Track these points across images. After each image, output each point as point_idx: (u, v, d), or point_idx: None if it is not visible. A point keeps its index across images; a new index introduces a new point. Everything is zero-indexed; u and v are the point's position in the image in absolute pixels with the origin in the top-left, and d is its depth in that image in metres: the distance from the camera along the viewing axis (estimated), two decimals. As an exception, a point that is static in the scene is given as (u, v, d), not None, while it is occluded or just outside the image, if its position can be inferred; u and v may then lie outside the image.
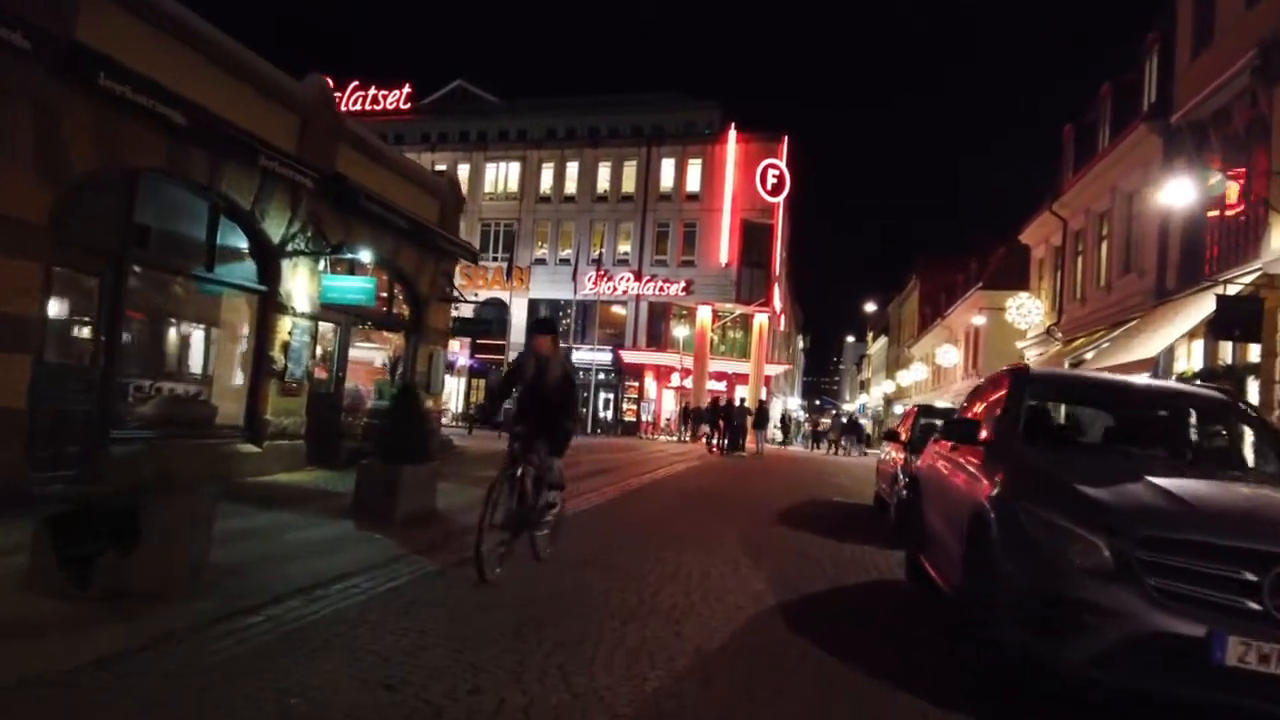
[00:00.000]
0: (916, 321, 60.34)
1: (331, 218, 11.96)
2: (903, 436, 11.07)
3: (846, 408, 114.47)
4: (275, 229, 11.01)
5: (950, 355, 42.17)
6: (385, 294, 14.74)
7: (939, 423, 11.03)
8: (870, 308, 59.43)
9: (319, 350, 12.89)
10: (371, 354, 15.83)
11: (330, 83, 12.04)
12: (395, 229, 13.56)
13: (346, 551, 7.14)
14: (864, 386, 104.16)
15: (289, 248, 11.29)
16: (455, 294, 16.44)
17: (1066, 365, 21.18)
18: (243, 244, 10.89)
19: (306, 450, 11.94)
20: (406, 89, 52.24)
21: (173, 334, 10.53)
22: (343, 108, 52.50)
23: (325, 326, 12.82)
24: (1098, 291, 22.57)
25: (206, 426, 10.56)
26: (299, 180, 10.95)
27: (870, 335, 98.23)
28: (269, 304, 11.22)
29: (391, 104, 51.86)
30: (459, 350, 44.76)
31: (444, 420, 40.84)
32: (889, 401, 74.04)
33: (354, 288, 11.49)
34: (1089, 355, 21.10)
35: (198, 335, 10.89)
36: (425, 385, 15.65)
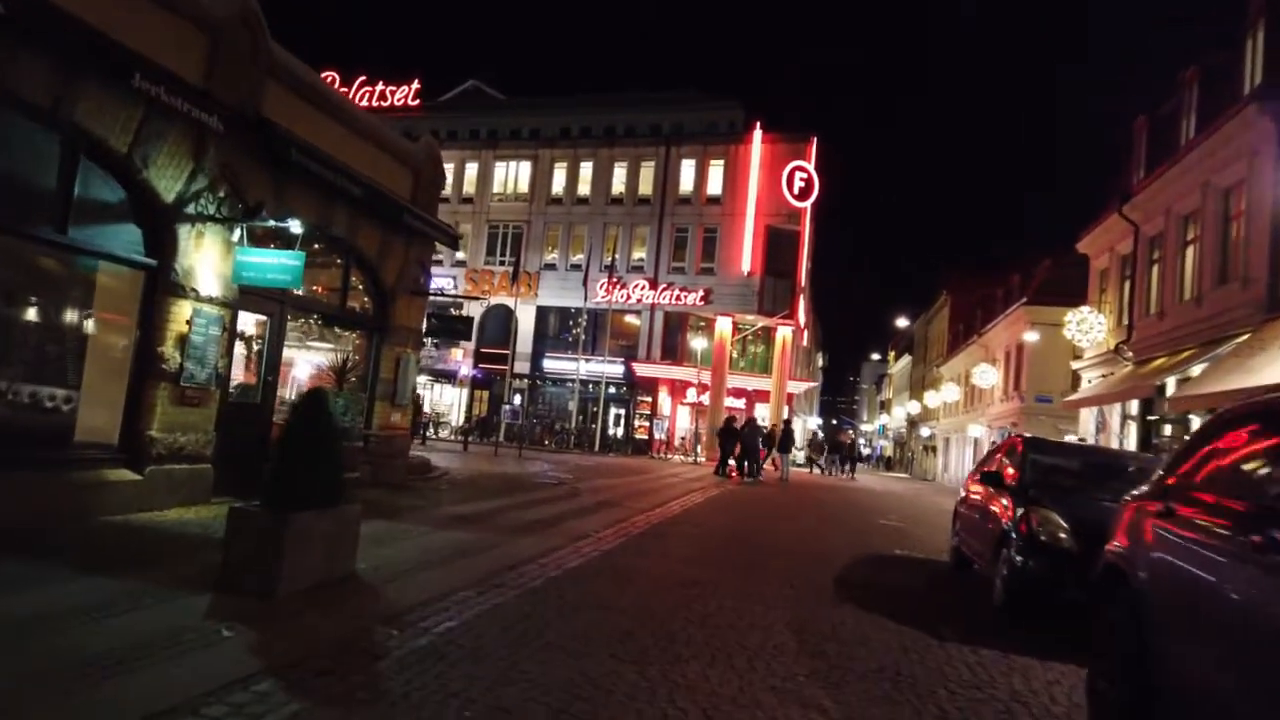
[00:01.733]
0: (946, 340, 57.32)
1: (254, 175, 9.20)
2: (1008, 479, 8.12)
3: (865, 428, 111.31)
4: (168, 183, 8.25)
5: (988, 376, 39.09)
6: (338, 283, 11.96)
7: (1058, 464, 8.13)
8: (902, 323, 56.28)
9: (243, 349, 10.11)
10: (324, 356, 13.04)
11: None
12: (349, 199, 10.80)
13: (156, 666, 4.30)
14: (884, 407, 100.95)
15: (189, 209, 8.52)
16: (430, 285, 13.63)
17: (1167, 387, 18.20)
18: (118, 200, 8.12)
19: (215, 477, 9.13)
20: (415, 85, 49.83)
21: (16, 317, 7.76)
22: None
23: (250, 319, 10.05)
24: (1182, 305, 19.55)
25: (60, 445, 7.77)
26: (203, 120, 8.19)
27: (892, 354, 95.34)
28: (159, 283, 8.45)
29: (400, 100, 49.50)
30: (461, 359, 42.12)
31: (440, 435, 38.43)
32: (913, 423, 70.97)
33: (276, 265, 8.73)
34: (1172, 380, 18.10)
35: (59, 322, 8.12)
36: (390, 396, 12.86)
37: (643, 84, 52.06)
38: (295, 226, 9.14)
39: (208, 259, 8.80)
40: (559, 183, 42.99)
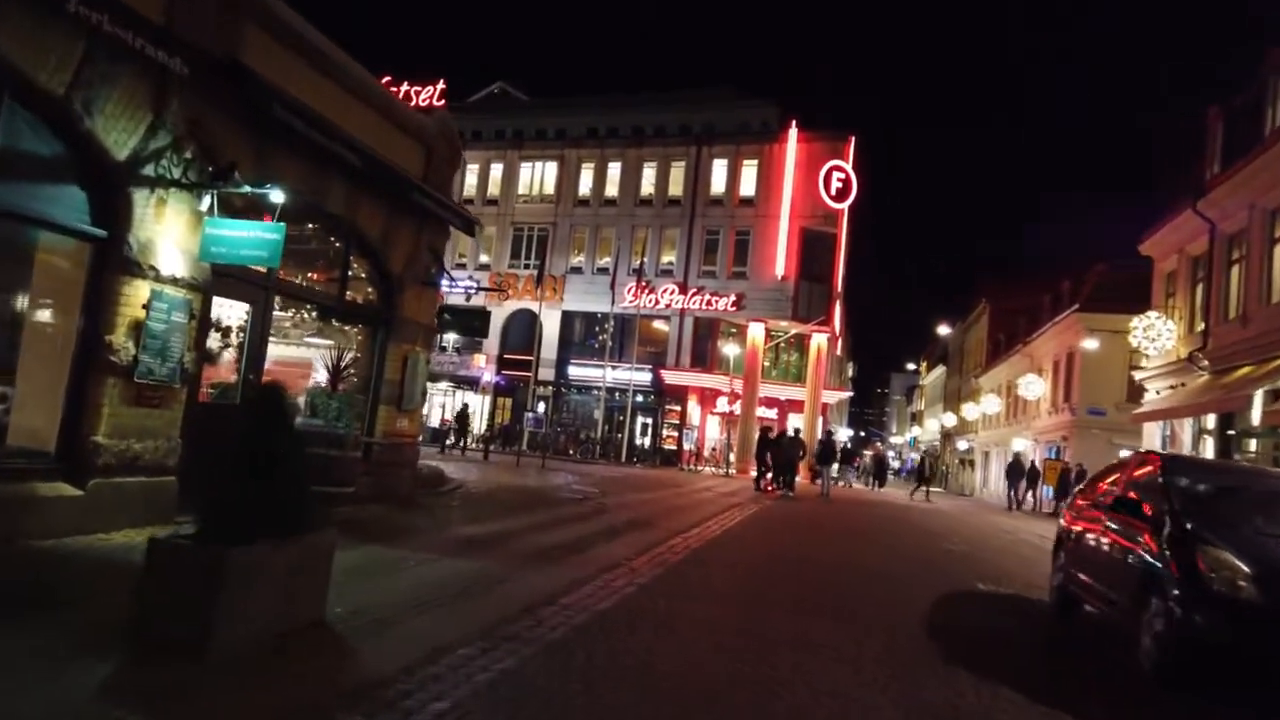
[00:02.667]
0: (985, 350, 55.26)
1: (229, 134, 7.79)
2: (1146, 507, 6.45)
3: (894, 440, 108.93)
4: (119, 136, 6.84)
5: (1034, 386, 37.14)
6: (336, 270, 10.52)
7: (1214, 488, 6.52)
8: (943, 330, 54.25)
9: (218, 342, 8.69)
10: (320, 354, 11.61)
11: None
12: (347, 171, 9.37)
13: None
14: (916, 419, 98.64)
15: (147, 171, 7.11)
16: (445, 275, 12.17)
17: (1254, 399, 16.41)
18: (54, 155, 6.72)
19: (180, 493, 7.69)
20: (440, 85, 48.51)
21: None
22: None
23: (228, 306, 8.63)
24: (1270, 308, 17.74)
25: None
26: (163, 62, 6.79)
27: (924, 365, 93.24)
28: (110, 258, 7.04)
29: (425, 101, 48.14)
30: (484, 366, 40.77)
31: (463, 443, 36.92)
32: (948, 435, 68.82)
33: (251, 240, 7.29)
34: (1259, 392, 16.29)
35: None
36: (396, 399, 11.41)
37: (674, 85, 50.66)
38: (276, 195, 7.69)
39: (171, 232, 7.38)
40: (586, 184, 41.60)
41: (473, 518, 10.90)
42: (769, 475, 24.01)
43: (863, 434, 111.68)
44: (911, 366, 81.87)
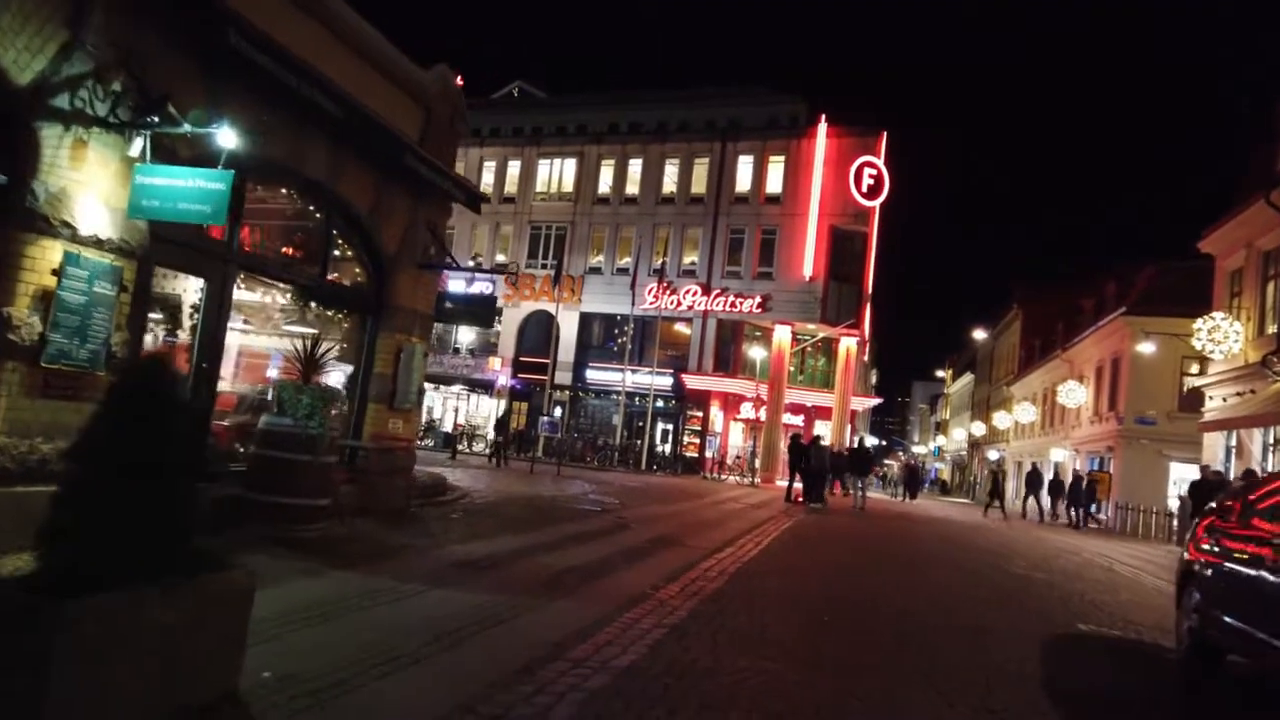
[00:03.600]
0: (1017, 356, 53.38)
1: (173, 66, 6.35)
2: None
3: (917, 450, 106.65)
4: (19, 56, 5.43)
5: (1076, 394, 35.29)
6: (316, 246, 9.07)
7: None
8: (980, 335, 52.35)
9: (163, 323, 7.26)
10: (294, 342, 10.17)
11: None
12: (329, 127, 7.93)
13: None
14: (940, 428, 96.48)
15: (59, 103, 5.69)
16: (446, 258, 10.68)
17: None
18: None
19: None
20: (458, 81, 47.22)
21: None
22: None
23: (177, 280, 7.19)
24: (1362, 306, 16.01)
25: None
26: (78, -35, 5.36)
27: (949, 372, 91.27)
28: (7, 211, 5.60)
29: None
30: (499, 369, 39.38)
31: (475, 449, 35.52)
32: (976, 445, 66.82)
33: (190, 190, 5.86)
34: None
35: None
36: (388, 397, 9.95)
37: (700, 83, 48.95)
38: (225, 136, 6.23)
39: (93, 182, 5.95)
40: (606, 181, 40.18)
41: (474, 534, 9.41)
42: (799, 486, 22.40)
43: (884, 443, 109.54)
44: (942, 374, 79.56)
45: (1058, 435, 40.99)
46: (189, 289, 7.33)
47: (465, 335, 41.59)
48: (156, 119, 6.00)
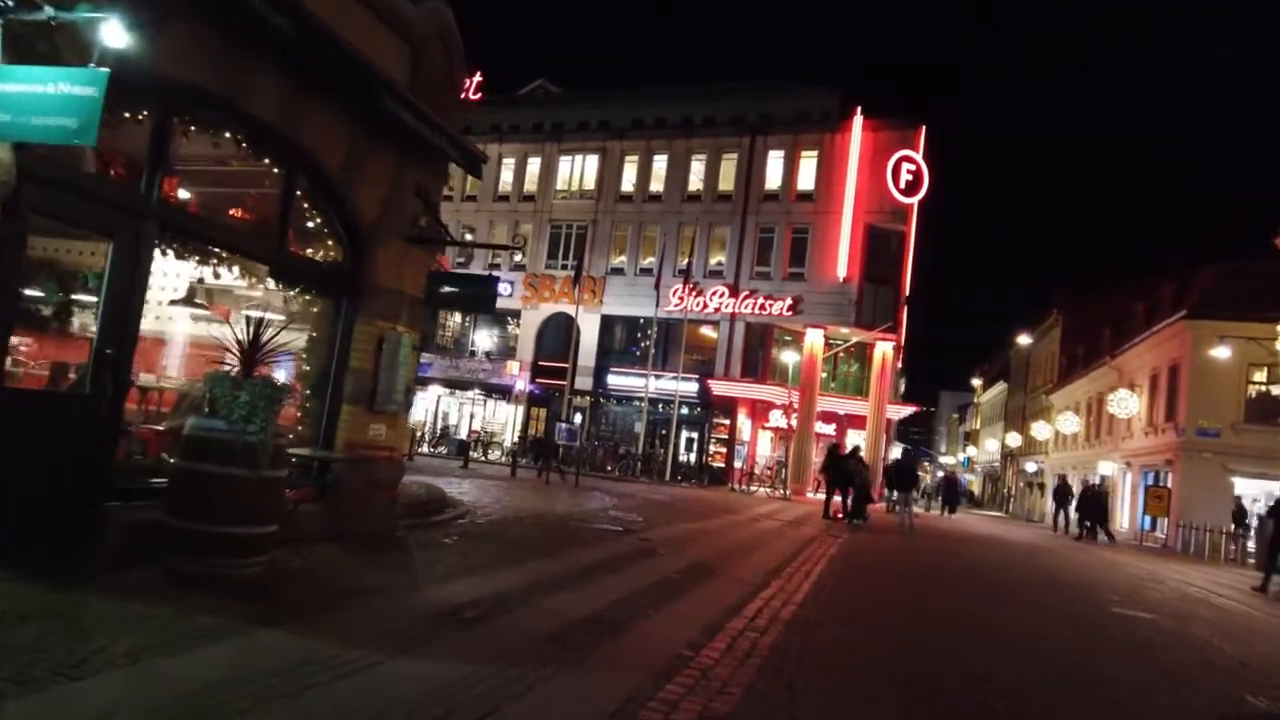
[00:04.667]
0: (1057, 364, 51.11)
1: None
2: None
3: (945, 460, 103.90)
4: None
5: (1128, 403, 33.21)
6: (272, 209, 7.36)
7: None
8: (1024, 340, 50.07)
9: (55, 295, 5.58)
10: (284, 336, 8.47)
11: None
12: (281, 47, 6.23)
13: None
14: (970, 439, 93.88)
15: None
16: (439, 230, 8.94)
17: None
18: None
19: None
20: (478, 78, 45.86)
21: None
22: (406, 98, 47.10)
23: (71, 242, 5.51)
24: None
25: None
26: None
27: (980, 382, 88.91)
28: None
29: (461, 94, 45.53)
30: (516, 374, 37.75)
31: (490, 457, 33.75)
32: (1010, 456, 64.45)
33: (51, 99, 4.18)
34: None
35: None
36: (367, 396, 8.24)
37: (729, 79, 46.65)
38: (113, 29, 4.52)
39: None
40: (629, 178, 38.49)
41: (466, 566, 7.66)
42: (838, 500, 20.53)
43: (909, 451, 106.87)
44: (978, 382, 77.20)
45: (1105, 447, 38.77)
46: (81, 249, 5.66)
47: (482, 339, 40.07)
48: (10, 2, 4.31)
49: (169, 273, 8.15)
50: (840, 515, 19.99)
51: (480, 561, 7.93)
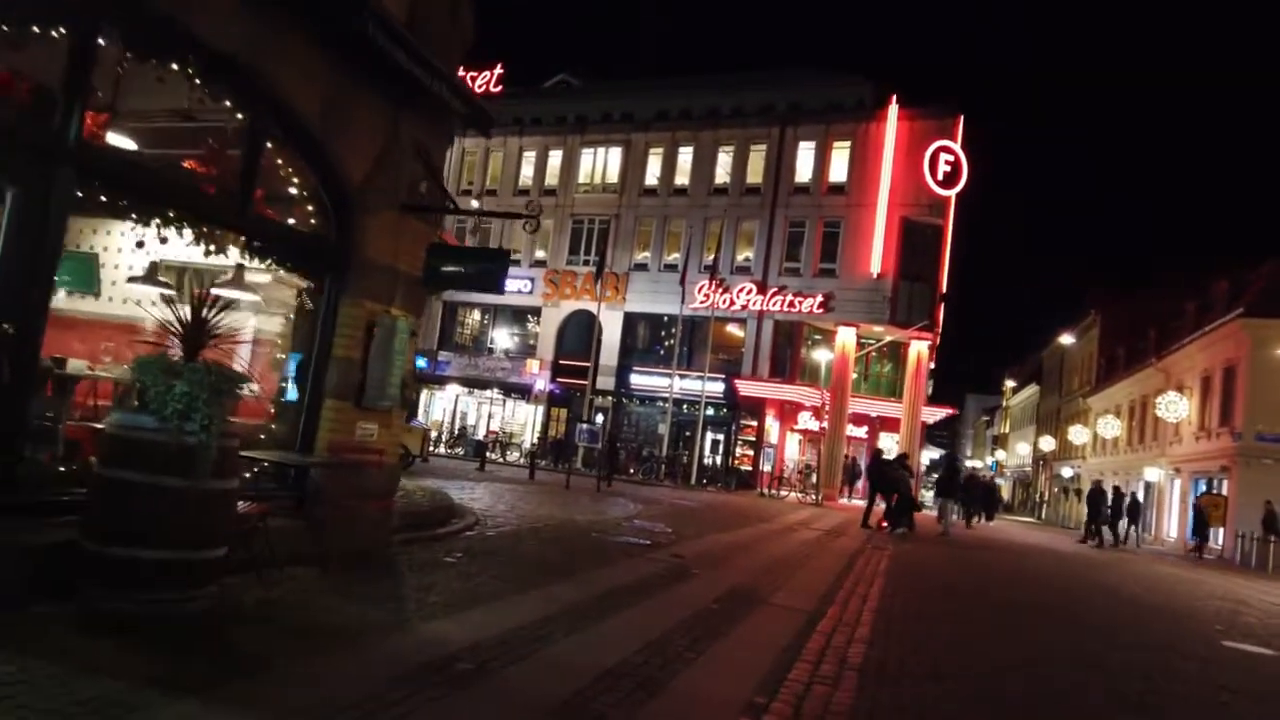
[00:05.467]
0: (1094, 366, 49.33)
1: None
2: None
3: (972, 465, 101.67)
4: None
5: (1177, 407, 31.55)
6: (234, 161, 6.12)
7: None
8: (1067, 340, 48.24)
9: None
10: (257, 321, 7.28)
11: None
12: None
13: None
14: (999, 442, 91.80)
15: None
16: (442, 197, 7.68)
17: None
18: None
19: None
20: (498, 70, 44.68)
21: None
22: (426, 91, 46.03)
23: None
24: None
25: None
26: None
27: (1009, 385, 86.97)
28: None
29: (481, 86, 44.38)
30: (537, 372, 36.55)
31: (509, 458, 32.51)
32: (1043, 461, 62.61)
33: None
34: None
35: None
36: (354, 390, 7.01)
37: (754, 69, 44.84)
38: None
39: None
40: (653, 171, 37.20)
41: (469, 593, 6.40)
42: (879, 508, 19.16)
43: (936, 457, 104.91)
44: (1013, 384, 75.24)
45: (1150, 452, 37.08)
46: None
47: (502, 336, 38.93)
48: None
49: (125, 246, 6.96)
50: (883, 524, 18.62)
51: (485, 587, 6.66)
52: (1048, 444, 59.90)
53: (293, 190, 6.54)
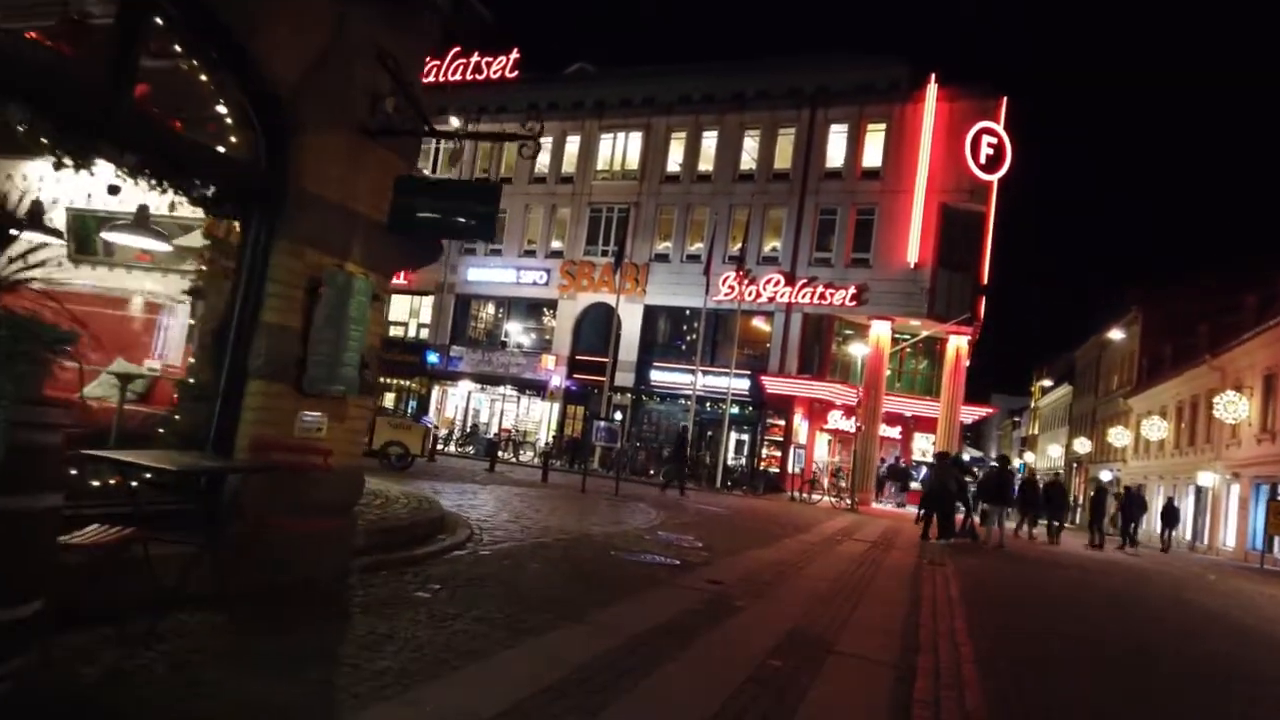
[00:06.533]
0: (1135, 365, 47.04)
1: None
2: None
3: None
4: None
5: (1236, 407, 29.37)
6: (100, 35, 4.34)
7: None
8: (1116, 335, 45.84)
9: None
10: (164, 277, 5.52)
11: None
12: None
13: None
14: (1027, 444, 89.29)
15: None
16: (417, 116, 5.89)
17: None
18: None
19: None
20: (514, 55, 42.99)
21: None
22: (444, 77, 44.39)
23: None
24: None
25: None
26: None
27: (1037, 385, 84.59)
28: None
29: (496, 72, 42.75)
30: (553, 368, 34.77)
31: (522, 459, 30.79)
32: (1079, 463, 60.29)
33: None
34: None
35: None
36: (290, 370, 5.22)
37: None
38: None
39: None
40: (675, 157, 35.36)
41: (435, 651, 4.59)
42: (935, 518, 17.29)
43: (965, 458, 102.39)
44: (1048, 383, 72.75)
45: (1204, 456, 34.85)
46: None
47: (516, 330, 37.22)
48: None
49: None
50: (936, 536, 16.78)
51: (462, 637, 4.86)
52: (1083, 446, 57.65)
53: (196, 89, 4.76)
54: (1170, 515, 29.81)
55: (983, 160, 29.56)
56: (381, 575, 6.16)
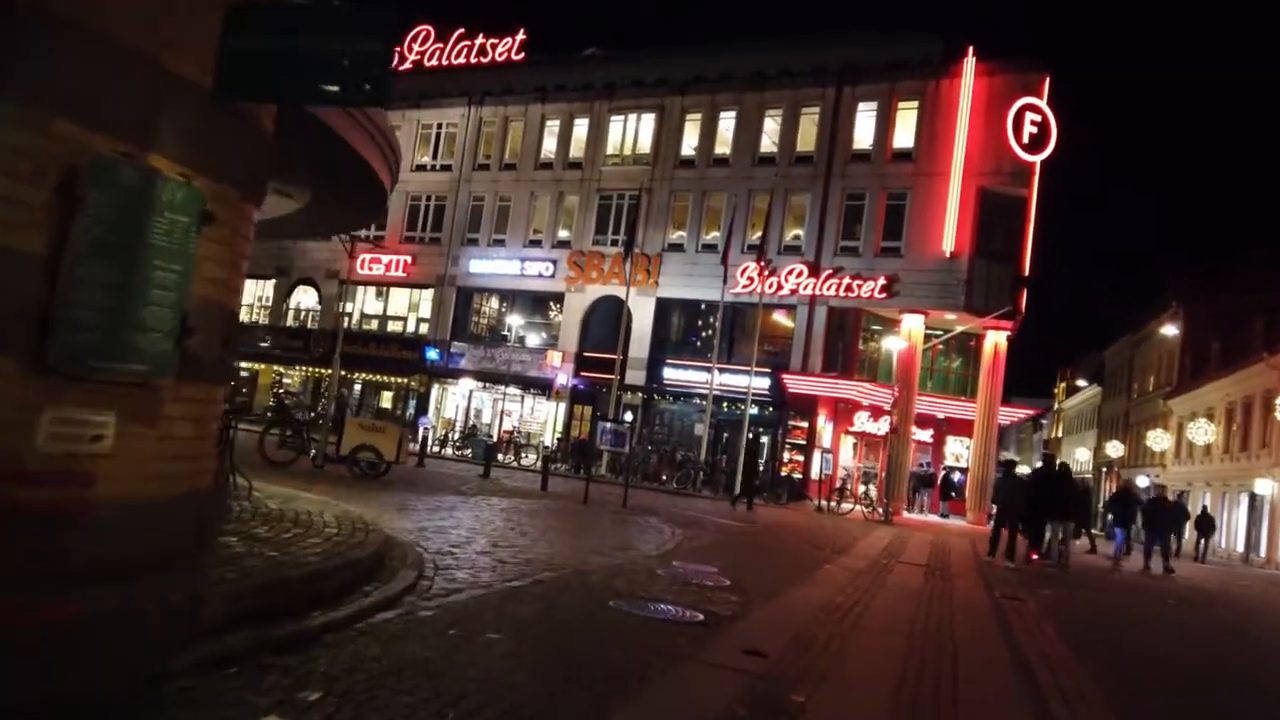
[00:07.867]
0: (1175, 364, 44.41)
1: None
2: None
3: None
4: None
5: (1305, 409, 26.80)
6: None
7: None
8: (1171, 331, 43.00)
9: None
10: None
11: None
12: None
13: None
14: (1048, 447, 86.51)
15: None
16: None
17: None
18: None
19: None
20: (520, 36, 40.70)
21: None
22: (448, 60, 42.19)
23: None
24: None
25: None
26: None
27: (1061, 385, 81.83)
28: None
29: (502, 54, 40.49)
30: (559, 365, 32.42)
31: (524, 462, 28.43)
32: (1110, 468, 57.54)
33: None
34: None
35: None
36: (25, 336, 2.89)
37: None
38: None
39: None
40: (690, 140, 32.99)
41: None
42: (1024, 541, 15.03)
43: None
44: (1083, 383, 69.89)
45: (1259, 462, 32.25)
46: None
47: (519, 324, 34.97)
48: None
49: None
50: (1033, 556, 14.57)
51: None
52: (1116, 449, 54.94)
53: None
54: (1205, 523, 27.20)
55: (1025, 140, 27.10)
56: (240, 667, 3.84)
